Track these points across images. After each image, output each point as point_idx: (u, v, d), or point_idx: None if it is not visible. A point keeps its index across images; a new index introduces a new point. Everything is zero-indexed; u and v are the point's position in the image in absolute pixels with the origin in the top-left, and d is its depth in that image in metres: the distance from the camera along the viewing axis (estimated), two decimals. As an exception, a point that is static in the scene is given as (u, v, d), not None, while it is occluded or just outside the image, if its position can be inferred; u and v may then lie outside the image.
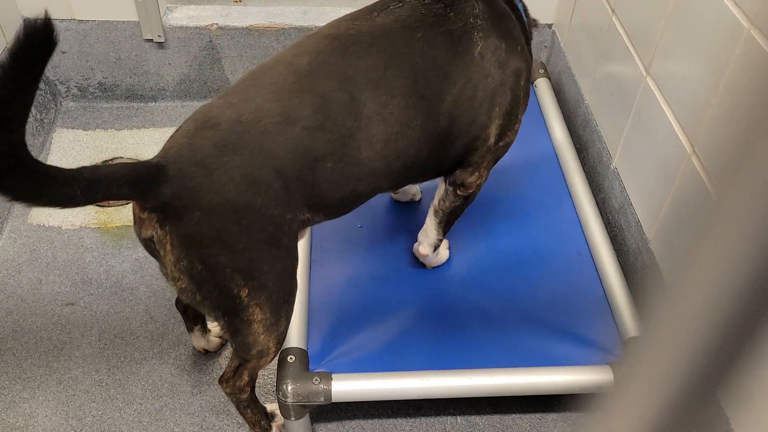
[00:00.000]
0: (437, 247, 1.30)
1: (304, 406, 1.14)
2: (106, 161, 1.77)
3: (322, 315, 1.25)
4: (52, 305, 1.44)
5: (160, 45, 1.85)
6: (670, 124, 1.24)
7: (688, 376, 0.26)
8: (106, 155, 1.79)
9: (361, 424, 1.27)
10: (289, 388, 1.10)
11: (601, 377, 1.14)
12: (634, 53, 1.40)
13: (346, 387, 1.12)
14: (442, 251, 1.35)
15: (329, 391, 1.11)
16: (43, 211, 1.63)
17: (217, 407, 1.28)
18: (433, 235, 1.27)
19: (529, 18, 1.20)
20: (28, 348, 1.37)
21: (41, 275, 1.49)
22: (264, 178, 0.88)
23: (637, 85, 1.38)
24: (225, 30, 1.85)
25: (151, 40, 1.84)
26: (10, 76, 0.66)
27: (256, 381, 1.13)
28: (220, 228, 0.86)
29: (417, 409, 1.29)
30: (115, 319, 1.42)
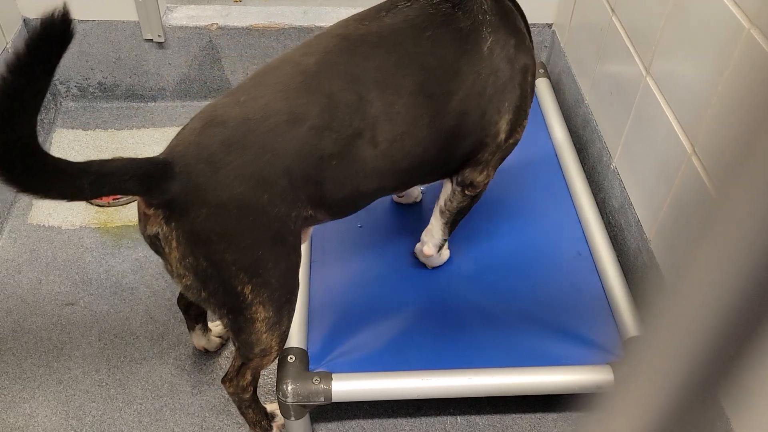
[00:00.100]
0: (441, 248, 1.30)
1: (304, 406, 1.14)
2: (106, 161, 1.77)
3: (323, 315, 1.25)
4: (52, 305, 1.44)
5: (160, 45, 1.85)
6: (670, 123, 1.24)
7: (688, 376, 0.26)
8: (106, 155, 1.79)
9: (361, 424, 1.27)
10: (289, 388, 1.10)
11: (602, 377, 1.14)
12: (634, 53, 1.40)
13: (346, 387, 1.12)
14: (443, 251, 1.35)
15: (329, 391, 1.11)
16: (43, 211, 1.63)
17: (217, 407, 1.28)
18: (438, 235, 1.27)
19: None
20: (28, 348, 1.37)
21: (41, 275, 1.49)
22: (270, 176, 0.88)
23: (637, 84, 1.38)
24: (225, 30, 1.85)
25: (151, 40, 1.84)
26: (25, 68, 0.66)
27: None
28: (227, 225, 0.86)
29: (417, 409, 1.29)
30: (115, 319, 1.42)
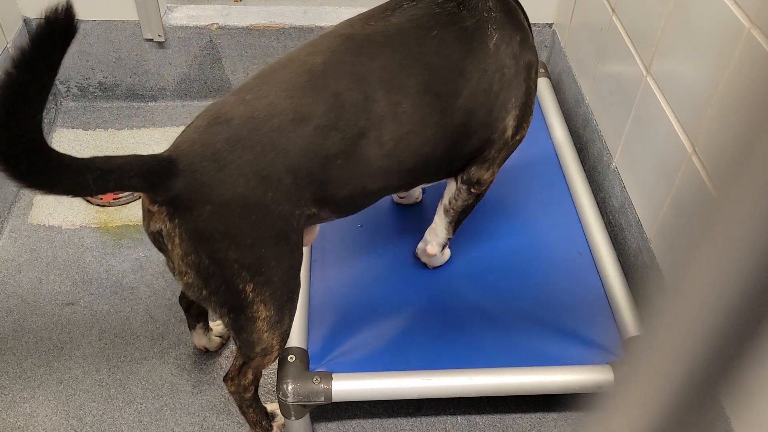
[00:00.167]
0: (444, 246, 1.30)
1: (305, 406, 1.14)
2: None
3: (323, 315, 1.25)
4: (53, 305, 1.44)
5: (161, 45, 1.85)
6: (670, 123, 1.24)
7: (688, 376, 0.26)
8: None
9: (361, 424, 1.27)
10: (289, 387, 1.10)
11: (602, 377, 1.14)
12: (634, 53, 1.40)
13: (346, 386, 1.12)
14: (445, 251, 1.35)
15: (329, 390, 1.11)
16: (44, 210, 1.63)
17: (218, 407, 1.28)
18: (442, 234, 1.27)
19: None
20: (29, 348, 1.37)
21: (41, 275, 1.49)
22: (275, 174, 0.88)
23: (637, 84, 1.38)
24: (225, 29, 1.85)
25: (151, 40, 1.84)
26: (30, 63, 0.66)
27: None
28: (230, 223, 0.86)
29: (417, 409, 1.29)
30: (115, 319, 1.42)
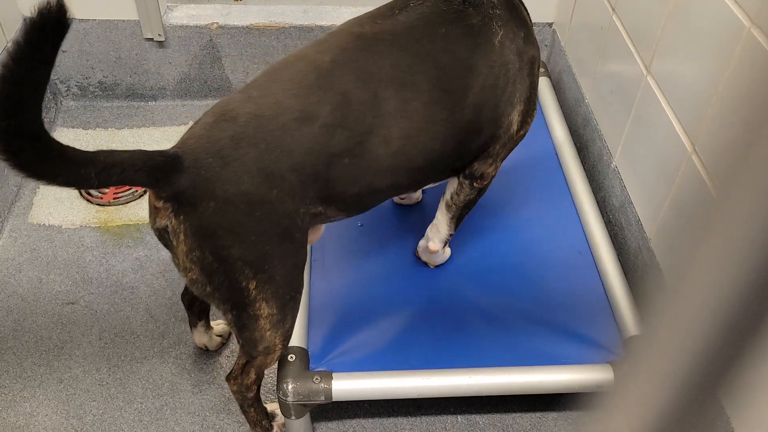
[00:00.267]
0: (446, 243, 1.30)
1: (305, 405, 1.14)
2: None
3: (323, 314, 1.25)
4: (53, 304, 1.44)
5: (161, 44, 1.85)
6: (670, 123, 1.24)
7: (688, 375, 0.26)
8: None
9: (361, 423, 1.27)
10: (289, 387, 1.10)
11: (602, 376, 1.14)
12: (634, 52, 1.40)
13: (346, 386, 1.12)
14: (445, 249, 1.35)
15: (330, 390, 1.11)
16: (44, 210, 1.63)
17: (218, 406, 1.28)
18: (444, 230, 1.27)
19: None
20: (29, 347, 1.37)
21: (42, 274, 1.49)
22: (280, 172, 0.88)
23: (637, 84, 1.38)
24: (225, 29, 1.85)
25: (151, 39, 1.84)
26: (25, 54, 0.66)
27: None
28: (234, 220, 0.86)
29: (417, 408, 1.29)
30: (115, 318, 1.42)
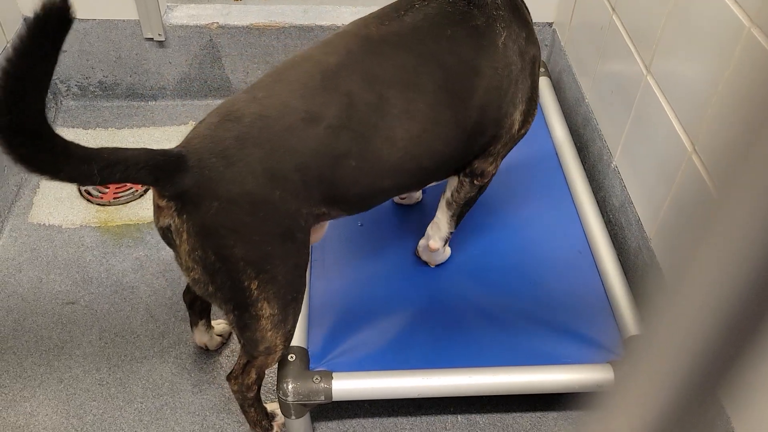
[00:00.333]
0: (447, 241, 1.30)
1: (305, 405, 1.14)
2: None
3: (323, 314, 1.25)
4: (53, 304, 1.44)
5: (161, 44, 1.85)
6: (670, 122, 1.24)
7: (688, 375, 0.26)
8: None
9: (361, 423, 1.27)
10: (289, 386, 1.10)
11: (602, 376, 1.14)
12: (634, 52, 1.40)
13: (346, 386, 1.12)
14: (446, 248, 1.35)
15: (330, 389, 1.11)
16: (44, 209, 1.63)
17: (218, 406, 1.28)
18: (445, 228, 1.27)
19: None
20: (29, 347, 1.37)
21: (42, 274, 1.49)
22: (283, 172, 0.88)
23: (637, 83, 1.38)
24: (225, 29, 1.85)
25: (151, 39, 1.84)
26: (30, 47, 0.66)
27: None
28: (237, 219, 0.86)
29: (417, 408, 1.29)
30: (115, 318, 1.42)
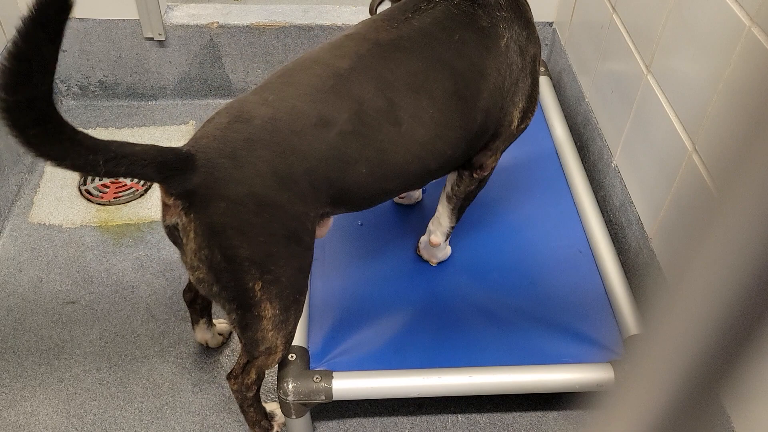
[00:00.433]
0: (448, 236, 1.30)
1: (305, 405, 1.14)
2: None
3: (323, 313, 1.25)
4: (53, 304, 1.44)
5: (161, 43, 1.85)
6: (670, 121, 1.23)
7: (689, 375, 0.26)
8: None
9: (361, 423, 1.27)
10: (290, 386, 1.10)
11: (602, 375, 1.14)
12: (634, 51, 1.40)
13: (346, 385, 1.12)
14: (446, 246, 1.35)
15: (330, 389, 1.11)
16: (44, 209, 1.63)
17: (218, 406, 1.28)
18: (446, 223, 1.27)
19: None
20: (29, 346, 1.37)
21: (42, 274, 1.49)
22: (292, 175, 0.88)
23: (637, 82, 1.38)
24: (225, 28, 1.85)
25: (151, 39, 1.84)
26: (33, 28, 0.66)
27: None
28: (244, 220, 0.87)
29: (418, 408, 1.29)
30: (115, 318, 1.42)
